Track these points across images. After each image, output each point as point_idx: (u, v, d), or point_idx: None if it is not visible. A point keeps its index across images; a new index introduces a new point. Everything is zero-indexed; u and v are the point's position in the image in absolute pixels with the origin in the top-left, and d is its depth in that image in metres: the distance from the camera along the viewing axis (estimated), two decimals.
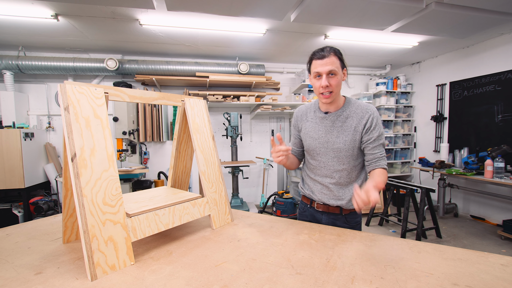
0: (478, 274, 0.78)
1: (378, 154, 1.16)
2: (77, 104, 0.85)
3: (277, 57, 4.42)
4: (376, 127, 1.15)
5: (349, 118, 1.18)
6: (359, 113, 1.17)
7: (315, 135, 1.24)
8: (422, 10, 2.57)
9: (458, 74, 4.11)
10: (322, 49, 1.13)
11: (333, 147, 1.19)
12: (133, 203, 1.04)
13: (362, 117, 1.16)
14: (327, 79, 1.11)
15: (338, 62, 1.11)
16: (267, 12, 2.55)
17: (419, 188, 3.12)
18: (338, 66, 1.11)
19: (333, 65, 1.09)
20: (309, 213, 1.36)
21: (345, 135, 1.17)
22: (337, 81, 1.11)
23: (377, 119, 1.16)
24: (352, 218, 1.27)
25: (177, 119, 1.34)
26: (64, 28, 3.05)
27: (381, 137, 1.16)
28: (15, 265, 0.86)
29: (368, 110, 1.17)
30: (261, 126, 4.85)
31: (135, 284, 0.75)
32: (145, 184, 3.82)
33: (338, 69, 1.11)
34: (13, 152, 3.26)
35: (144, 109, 4.02)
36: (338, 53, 1.13)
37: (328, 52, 1.10)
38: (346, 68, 1.17)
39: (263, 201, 4.45)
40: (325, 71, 1.10)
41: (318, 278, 0.77)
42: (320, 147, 1.23)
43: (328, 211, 1.28)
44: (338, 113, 1.20)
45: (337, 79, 1.11)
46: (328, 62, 1.09)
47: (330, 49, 1.12)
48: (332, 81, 1.11)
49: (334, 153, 1.20)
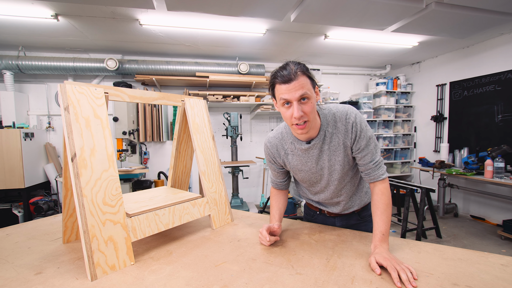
0: (478, 274, 0.78)
1: (371, 164, 0.99)
2: (77, 104, 0.85)
3: (277, 57, 4.42)
4: (362, 134, 0.98)
5: (334, 136, 1.01)
6: (341, 126, 0.99)
7: (305, 167, 1.07)
8: (422, 10, 2.57)
9: (458, 74, 4.11)
10: (284, 68, 0.89)
11: (330, 171, 1.06)
12: (133, 203, 1.04)
13: (346, 130, 0.99)
14: (299, 106, 0.88)
15: (308, 82, 0.89)
16: (267, 12, 2.55)
17: (419, 188, 3.12)
18: (310, 87, 0.90)
19: (303, 88, 0.87)
20: (320, 219, 1.29)
21: (336, 155, 1.02)
22: (312, 106, 0.90)
23: (360, 123, 0.98)
24: (365, 212, 1.22)
25: (177, 119, 1.34)
26: (64, 28, 3.05)
27: (370, 141, 0.99)
28: (15, 265, 0.86)
29: (348, 118, 0.98)
30: (261, 126, 4.85)
31: (135, 284, 0.75)
32: (145, 184, 3.82)
33: (310, 90, 0.89)
34: (13, 152, 3.26)
35: (144, 109, 4.02)
36: (306, 70, 0.91)
37: (294, 73, 0.87)
38: (317, 85, 0.96)
39: (263, 201, 4.45)
40: (295, 97, 0.87)
41: (318, 278, 0.77)
42: (315, 176, 1.09)
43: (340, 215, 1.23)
44: (321, 135, 1.00)
45: (311, 103, 0.90)
46: (297, 85, 0.86)
47: (296, 68, 0.88)
48: (306, 108, 0.89)
49: (332, 176, 1.07)
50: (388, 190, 1.00)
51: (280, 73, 0.89)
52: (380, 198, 0.98)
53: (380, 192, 0.99)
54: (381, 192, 0.99)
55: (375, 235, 0.92)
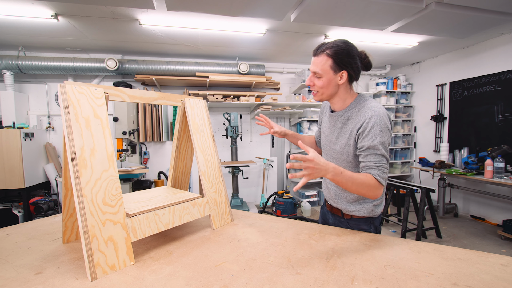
0: (478, 274, 0.78)
1: (372, 163, 0.97)
2: (77, 104, 0.85)
3: (277, 57, 4.42)
4: (369, 134, 0.97)
5: (349, 120, 1.08)
6: (358, 115, 1.03)
7: (326, 130, 1.21)
8: (422, 10, 2.57)
9: (458, 74, 4.11)
10: (318, 46, 1.04)
11: (333, 148, 1.15)
12: (133, 203, 1.04)
13: (358, 121, 1.02)
14: (312, 78, 1.06)
15: (328, 63, 1.00)
16: (267, 12, 2.55)
17: (419, 188, 3.12)
18: (326, 67, 1.01)
19: (317, 66, 1.02)
20: (322, 212, 1.37)
21: (342, 138, 1.10)
22: (322, 84, 1.03)
23: (373, 125, 0.97)
24: (355, 225, 1.17)
25: (177, 119, 1.34)
26: (64, 28, 3.05)
27: (377, 147, 0.97)
28: (15, 265, 0.86)
29: (366, 113, 1.00)
30: (261, 126, 4.84)
31: (135, 284, 0.75)
32: (145, 184, 3.82)
33: (325, 71, 1.01)
34: (13, 152, 3.26)
35: (144, 109, 4.02)
36: (334, 53, 0.99)
37: (321, 51, 1.01)
38: (347, 69, 1.02)
39: (263, 201, 4.45)
40: (311, 70, 1.05)
41: (318, 278, 0.77)
42: (326, 143, 1.20)
43: (332, 212, 1.26)
44: (340, 113, 1.11)
45: (322, 81, 1.03)
46: (316, 61, 1.03)
47: (325, 48, 1.01)
48: (316, 82, 1.05)
49: (333, 154, 1.15)
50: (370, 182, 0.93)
51: (316, 47, 1.05)
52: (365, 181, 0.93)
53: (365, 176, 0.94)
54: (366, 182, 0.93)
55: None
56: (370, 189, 0.94)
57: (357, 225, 1.18)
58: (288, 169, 1.17)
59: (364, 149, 0.99)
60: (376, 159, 0.98)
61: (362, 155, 1.01)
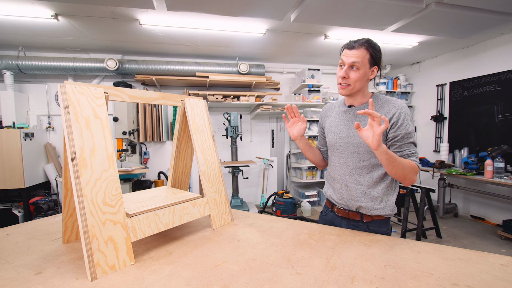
0: (478, 274, 0.78)
1: (408, 151, 1.03)
2: (77, 104, 0.85)
3: (277, 57, 4.42)
4: (404, 123, 1.03)
5: None
6: (386, 107, 1.07)
7: (336, 129, 1.19)
8: (422, 10, 2.57)
9: (458, 74, 4.11)
10: (356, 40, 1.06)
11: (353, 142, 1.12)
12: (133, 203, 1.04)
13: (388, 112, 1.06)
14: (347, 70, 1.06)
15: (367, 57, 1.04)
16: (267, 12, 2.55)
17: (419, 188, 3.12)
18: (365, 60, 1.04)
19: (358, 57, 1.03)
20: (329, 217, 1.28)
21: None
22: (358, 76, 1.05)
23: (405, 115, 1.04)
24: (376, 227, 1.13)
25: (177, 119, 1.34)
26: (64, 28, 3.05)
27: (411, 135, 1.04)
28: (15, 265, 0.86)
29: (395, 105, 1.06)
30: (261, 126, 4.85)
31: (135, 284, 0.75)
32: (145, 184, 3.82)
33: (364, 64, 1.04)
34: (13, 152, 3.26)
35: (144, 109, 4.02)
36: (371, 47, 1.04)
37: (359, 44, 1.04)
38: (379, 66, 1.08)
39: (263, 201, 4.45)
40: (347, 62, 1.05)
41: (318, 278, 0.77)
42: (340, 142, 1.17)
43: (348, 217, 1.18)
44: (362, 106, 1.12)
45: (359, 73, 1.04)
46: (354, 54, 1.03)
47: (364, 42, 1.04)
48: (352, 74, 1.05)
49: (354, 148, 1.12)
50: (412, 167, 1.00)
51: (350, 40, 1.07)
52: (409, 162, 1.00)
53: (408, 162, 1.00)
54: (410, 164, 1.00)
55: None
56: (412, 170, 1.00)
57: (378, 228, 1.14)
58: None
59: (399, 137, 1.04)
60: (410, 148, 1.05)
61: (397, 145, 1.05)
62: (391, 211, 1.14)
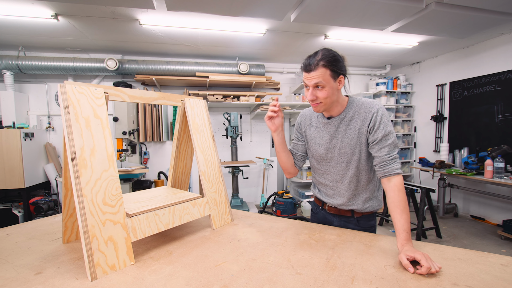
0: (478, 274, 0.78)
1: (386, 157, 1.04)
2: (77, 104, 0.85)
3: (277, 57, 4.42)
4: (380, 126, 1.05)
5: (353, 120, 1.11)
6: (362, 113, 1.10)
7: (320, 141, 1.20)
8: (422, 10, 2.57)
9: (458, 74, 4.11)
10: (309, 59, 1.05)
11: (340, 152, 1.15)
12: (133, 203, 1.04)
13: (365, 118, 1.09)
14: (313, 92, 1.05)
15: (327, 73, 1.02)
16: (267, 12, 2.55)
17: (419, 188, 3.12)
18: (327, 77, 1.02)
19: (318, 78, 1.02)
20: (321, 215, 1.33)
21: (349, 139, 1.12)
22: (326, 94, 1.04)
23: (381, 117, 1.06)
24: (365, 221, 1.22)
25: (177, 119, 1.34)
26: (64, 28, 3.05)
27: (389, 136, 1.05)
28: (15, 265, 0.86)
29: (371, 108, 1.08)
30: (261, 126, 4.85)
31: (135, 284, 0.75)
32: (145, 184, 3.82)
33: (327, 81, 1.03)
34: (13, 152, 3.26)
35: (144, 109, 4.02)
36: (328, 63, 1.02)
37: (315, 65, 1.02)
38: (344, 74, 1.08)
39: (263, 201, 4.45)
40: (310, 84, 1.04)
41: (318, 278, 0.77)
42: (326, 153, 1.19)
43: (339, 214, 1.24)
44: (341, 116, 1.14)
45: (325, 91, 1.04)
46: (313, 75, 1.02)
47: (319, 60, 1.02)
48: (319, 94, 1.05)
49: (341, 157, 1.15)
50: (403, 186, 1.03)
51: (305, 61, 1.07)
52: (398, 196, 1.00)
53: (397, 189, 1.01)
54: (397, 188, 1.01)
55: (400, 233, 0.93)
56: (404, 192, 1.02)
57: (367, 222, 1.23)
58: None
59: (378, 140, 1.06)
60: (390, 151, 1.05)
61: (376, 148, 1.07)
62: (378, 205, 1.23)
